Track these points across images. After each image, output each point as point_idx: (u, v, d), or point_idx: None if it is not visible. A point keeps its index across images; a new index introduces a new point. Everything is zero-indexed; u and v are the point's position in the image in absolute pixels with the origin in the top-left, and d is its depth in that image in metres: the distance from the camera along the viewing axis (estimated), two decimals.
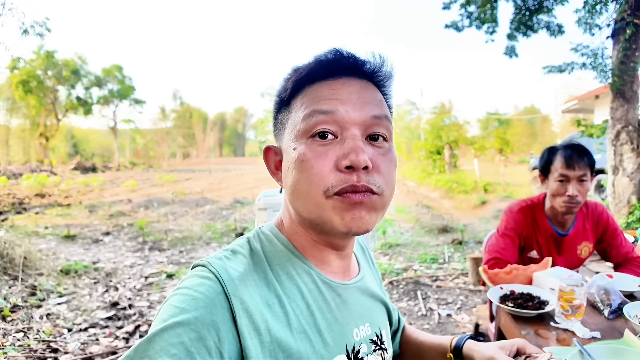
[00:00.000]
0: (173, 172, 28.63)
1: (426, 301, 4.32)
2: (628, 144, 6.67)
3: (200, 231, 8.22)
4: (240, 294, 0.68)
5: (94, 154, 40.75)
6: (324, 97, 0.75)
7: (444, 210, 11.04)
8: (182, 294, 0.67)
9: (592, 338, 1.38)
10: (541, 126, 46.57)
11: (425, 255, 6.12)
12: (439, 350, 1.04)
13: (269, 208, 3.15)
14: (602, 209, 2.25)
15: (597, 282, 1.68)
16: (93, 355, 3.15)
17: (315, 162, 0.72)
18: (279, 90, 0.83)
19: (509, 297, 1.66)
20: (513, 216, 2.21)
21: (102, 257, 6.22)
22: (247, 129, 73.14)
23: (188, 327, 0.61)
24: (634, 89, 6.62)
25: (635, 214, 6.58)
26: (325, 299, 0.79)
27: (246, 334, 0.66)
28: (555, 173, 2.04)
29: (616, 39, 6.66)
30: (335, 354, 0.77)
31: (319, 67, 0.76)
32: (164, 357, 0.58)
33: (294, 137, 0.76)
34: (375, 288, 0.98)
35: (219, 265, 0.70)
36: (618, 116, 6.72)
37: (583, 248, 2.21)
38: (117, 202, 12.69)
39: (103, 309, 4.11)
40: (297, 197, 0.76)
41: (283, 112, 0.82)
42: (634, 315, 1.43)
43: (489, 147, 20.60)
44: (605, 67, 6.91)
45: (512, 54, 7.87)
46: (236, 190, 16.42)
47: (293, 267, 0.79)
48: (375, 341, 0.88)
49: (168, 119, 58.46)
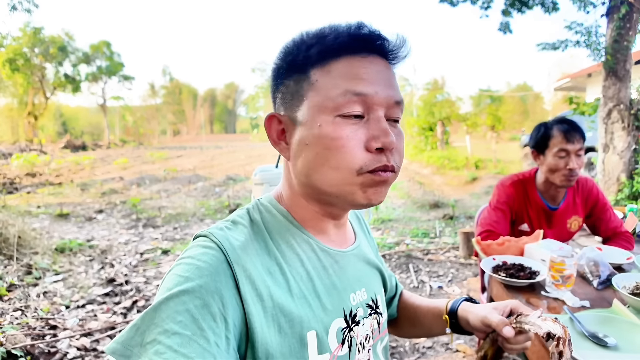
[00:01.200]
0: (164, 149, 28.47)
1: (418, 274, 4.41)
2: (619, 123, 6.71)
3: (193, 208, 8.24)
4: (243, 262, 0.70)
5: (83, 132, 40.32)
6: (356, 76, 0.74)
7: (436, 186, 11.11)
8: (186, 263, 0.69)
9: (581, 307, 1.43)
10: (533, 104, 46.67)
11: (417, 230, 6.21)
12: (435, 313, 1.08)
13: (265, 183, 3.17)
14: (592, 184, 2.29)
15: (586, 254, 1.72)
16: (92, 331, 3.19)
17: (346, 142, 0.73)
18: (290, 54, 0.78)
19: (501, 268, 1.70)
20: (505, 190, 2.25)
21: (96, 234, 6.22)
22: (237, 105, 72.19)
23: (193, 295, 0.64)
24: (627, 67, 6.63)
25: (624, 191, 6.67)
26: (323, 265, 0.82)
27: (249, 300, 0.69)
28: (554, 148, 2.06)
29: (610, 18, 6.64)
30: (334, 317, 0.80)
31: (349, 40, 0.74)
32: (170, 324, 0.61)
33: (318, 112, 0.74)
34: (371, 255, 1.01)
35: (220, 235, 0.73)
36: (610, 95, 6.75)
37: (573, 222, 2.25)
38: (108, 179, 12.64)
39: (99, 286, 4.15)
40: (318, 171, 0.75)
41: (297, 80, 0.77)
42: (622, 286, 1.47)
43: (481, 124, 20.63)
44: (598, 46, 6.91)
45: (506, 30, 7.85)
46: (228, 168, 16.38)
47: (292, 237, 0.81)
48: (371, 305, 0.92)
49: (158, 96, 57.71)
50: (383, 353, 0.97)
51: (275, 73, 0.82)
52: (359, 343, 0.86)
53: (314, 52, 0.75)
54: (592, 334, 1.19)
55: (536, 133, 2.17)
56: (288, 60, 0.78)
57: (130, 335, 0.63)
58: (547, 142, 2.09)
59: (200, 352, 0.60)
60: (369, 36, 0.75)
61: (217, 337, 0.63)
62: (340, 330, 0.81)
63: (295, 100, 0.77)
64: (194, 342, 0.60)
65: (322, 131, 0.73)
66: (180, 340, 0.60)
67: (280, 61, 0.80)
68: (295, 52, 0.77)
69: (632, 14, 6.35)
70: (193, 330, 0.61)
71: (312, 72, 0.75)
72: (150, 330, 0.62)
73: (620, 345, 1.15)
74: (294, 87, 0.77)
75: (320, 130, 0.73)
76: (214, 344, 0.62)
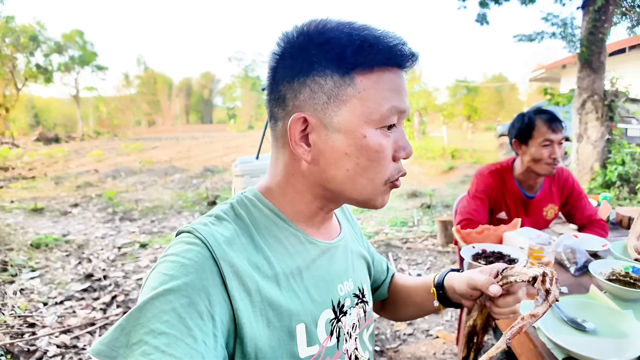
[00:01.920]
0: (139, 140, 27.94)
1: (397, 262, 4.47)
2: (593, 113, 6.85)
3: (171, 200, 8.15)
4: (229, 257, 0.69)
5: (56, 124, 39.31)
6: (397, 91, 0.75)
7: (413, 175, 11.20)
8: (170, 260, 0.68)
9: (560, 293, 1.46)
10: (508, 94, 47.11)
11: (396, 219, 6.28)
12: (424, 289, 1.08)
13: (246, 175, 3.15)
14: (568, 174, 2.35)
15: (563, 242, 1.77)
16: (71, 327, 3.15)
17: (385, 154, 0.75)
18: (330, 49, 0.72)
19: (481, 255, 1.73)
20: (483, 179, 2.29)
21: (72, 229, 6.11)
22: (214, 95, 70.77)
23: (179, 294, 0.63)
24: (601, 59, 6.76)
25: (598, 180, 6.83)
26: (312, 258, 0.83)
27: (237, 295, 0.68)
28: (539, 138, 2.10)
29: (586, 10, 6.74)
30: (323, 309, 0.81)
31: (396, 54, 0.73)
32: (156, 323, 0.60)
33: (364, 122, 0.73)
34: (356, 245, 1.02)
35: (205, 231, 0.71)
36: (584, 86, 6.88)
37: (549, 210, 2.31)
38: (83, 172, 12.38)
39: (77, 281, 4.08)
40: (353, 180, 0.76)
41: (339, 83, 0.72)
42: (598, 273, 1.51)
43: (457, 114, 20.89)
44: (574, 37, 7.03)
45: (483, 21, 7.91)
46: (206, 159, 16.20)
47: (280, 231, 0.80)
48: (358, 295, 0.93)
49: (132, 86, 56.37)
50: (369, 340, 0.99)
51: (288, 62, 0.75)
52: (346, 333, 0.87)
53: (365, 58, 0.71)
54: (571, 319, 1.22)
55: (519, 123, 2.20)
56: (328, 56, 0.72)
57: (115, 336, 0.61)
58: (531, 132, 2.13)
59: (188, 351, 0.59)
60: (409, 54, 0.75)
61: (205, 336, 0.62)
62: (328, 322, 0.82)
63: (332, 104, 0.73)
64: (181, 342, 0.59)
65: (367, 143, 0.73)
66: (167, 340, 0.59)
67: (307, 52, 0.73)
68: (338, 49, 0.71)
69: (608, 7, 6.46)
70: (180, 330, 0.60)
71: (359, 79, 0.72)
72: (136, 331, 0.60)
73: (598, 329, 1.19)
74: (333, 88, 0.72)
75: (365, 142, 0.73)
76: (201, 342, 0.61)
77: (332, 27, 0.73)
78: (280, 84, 0.76)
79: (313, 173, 0.78)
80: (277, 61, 0.77)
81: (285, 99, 0.76)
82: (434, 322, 3.18)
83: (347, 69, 0.72)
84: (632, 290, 1.37)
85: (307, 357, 0.76)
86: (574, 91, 7.20)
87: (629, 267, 1.54)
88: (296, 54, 0.74)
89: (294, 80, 0.74)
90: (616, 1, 6.46)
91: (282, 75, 0.76)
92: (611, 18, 6.62)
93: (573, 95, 7.23)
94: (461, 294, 0.95)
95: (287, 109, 0.76)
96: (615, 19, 6.89)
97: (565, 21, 7.11)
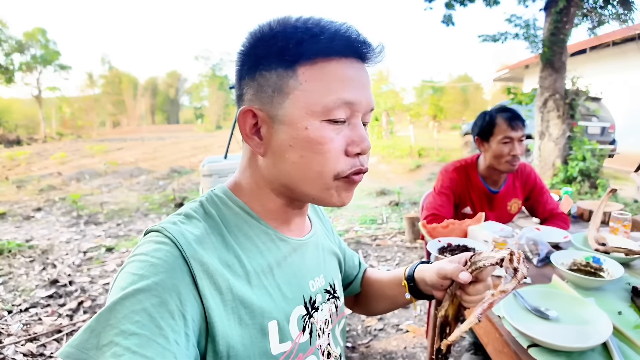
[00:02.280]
0: (104, 141, 27.30)
1: (367, 259, 4.51)
2: (554, 111, 7.04)
3: (137, 203, 7.97)
4: (200, 256, 0.68)
5: (17, 126, 37.97)
6: (345, 82, 0.73)
7: (382, 174, 11.29)
8: (139, 260, 0.66)
9: (523, 283, 1.50)
10: (473, 94, 48.03)
11: (365, 217, 6.33)
12: (396, 282, 1.08)
13: (214, 174, 3.12)
14: (530, 169, 2.42)
15: (526, 234, 1.81)
16: (38, 335, 3.05)
17: (330, 147, 0.73)
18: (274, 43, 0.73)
19: (447, 249, 1.76)
20: (448, 175, 2.34)
21: (35, 234, 5.90)
22: (180, 94, 69.23)
23: (149, 293, 0.61)
24: (563, 59, 6.94)
25: (559, 176, 7.02)
26: (283, 255, 0.82)
27: (208, 294, 0.67)
28: (499, 135, 2.16)
29: (548, 12, 6.91)
30: (295, 305, 0.81)
31: (342, 44, 0.73)
32: (127, 324, 0.58)
33: (305, 114, 0.72)
34: (327, 241, 1.03)
35: (174, 230, 0.70)
36: (546, 85, 7.06)
37: (513, 204, 2.37)
38: (46, 175, 11.99)
39: (42, 288, 3.94)
40: (300, 174, 0.75)
41: (281, 75, 0.72)
42: (560, 263, 1.56)
43: (423, 113, 21.13)
44: (536, 38, 7.20)
45: (449, 22, 8.01)
46: (172, 160, 15.94)
47: (250, 229, 0.80)
48: (329, 291, 0.94)
49: (96, 86, 54.92)
50: (341, 335, 0.99)
51: (248, 59, 0.76)
52: (319, 328, 0.87)
53: (306, 49, 0.71)
54: (535, 307, 1.25)
55: (481, 121, 2.25)
56: (272, 50, 0.73)
57: (85, 338, 0.59)
58: (492, 130, 2.19)
59: (160, 351, 0.58)
60: (360, 43, 0.74)
61: (177, 335, 0.61)
62: (300, 318, 0.82)
63: (276, 97, 0.73)
64: (153, 342, 0.58)
65: (308, 135, 0.72)
66: (138, 340, 0.57)
67: (258, 48, 0.75)
68: (281, 43, 0.72)
69: (569, 8, 6.63)
70: (151, 330, 0.59)
71: (301, 70, 0.72)
72: (106, 332, 0.59)
73: (561, 317, 1.22)
74: (277, 81, 0.73)
75: (307, 133, 0.72)
76: (173, 342, 0.60)
77: (284, 23, 0.74)
78: (242, 81, 0.78)
79: (267, 167, 0.78)
80: (240, 60, 0.78)
81: (242, 96, 0.78)
82: (404, 316, 3.21)
83: (290, 62, 0.72)
84: (593, 279, 1.42)
85: (280, 353, 0.76)
86: (536, 90, 7.38)
87: (589, 257, 1.59)
88: (245, 52, 0.76)
89: (247, 77, 0.76)
90: (577, 3, 6.64)
91: (241, 73, 0.78)
92: (572, 19, 6.81)
93: (535, 94, 7.41)
94: (432, 284, 0.95)
95: (242, 105, 0.78)
96: (577, 21, 7.10)
97: (528, 22, 7.29)
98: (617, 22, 6.95)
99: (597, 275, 1.52)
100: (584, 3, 6.85)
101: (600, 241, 1.76)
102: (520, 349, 1.11)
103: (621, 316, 1.25)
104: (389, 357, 2.73)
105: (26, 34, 33.51)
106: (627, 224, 1.94)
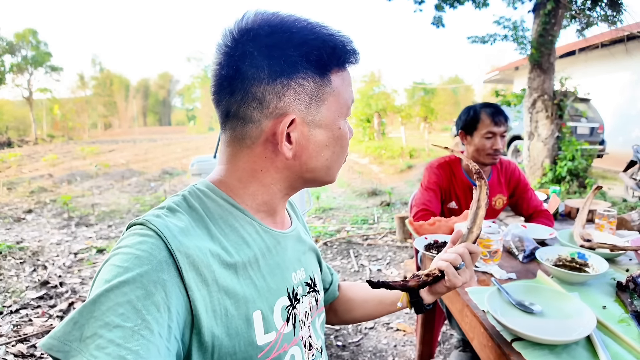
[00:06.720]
0: (95, 143, 27.10)
1: (358, 259, 4.54)
2: (543, 112, 7.10)
3: (128, 204, 7.94)
4: (185, 248, 0.68)
5: (8, 128, 37.62)
6: (351, 84, 0.86)
7: (373, 175, 11.35)
8: (123, 253, 0.65)
9: (508, 279, 1.52)
10: (464, 95, 48.28)
11: (357, 217, 6.36)
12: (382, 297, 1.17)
13: (203, 173, 3.12)
14: (515, 166, 2.47)
15: (512, 231, 1.83)
16: (28, 336, 3.04)
17: (348, 139, 0.88)
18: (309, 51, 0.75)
19: (433, 246, 1.77)
20: (434, 171, 2.40)
21: (26, 236, 5.85)
22: (172, 96, 69.00)
23: (134, 285, 0.61)
24: (551, 60, 7.00)
25: (548, 175, 7.08)
26: (267, 246, 0.83)
27: (193, 287, 0.67)
28: (482, 130, 2.22)
29: (537, 13, 6.96)
30: (278, 296, 0.82)
31: (352, 51, 0.81)
32: (111, 316, 0.58)
33: (338, 116, 0.83)
34: (307, 237, 1.05)
35: (158, 223, 0.69)
36: (535, 86, 7.11)
37: (497, 200, 2.40)
38: (37, 177, 11.87)
39: (33, 289, 3.91)
40: (331, 167, 0.86)
41: (318, 83, 0.77)
42: (545, 259, 1.58)
43: (414, 115, 21.19)
44: (525, 40, 7.25)
45: (439, 24, 8.04)
46: (164, 161, 15.88)
47: (235, 220, 0.80)
48: (310, 284, 0.95)
49: (87, 87, 54.30)
50: (321, 328, 1.01)
51: (279, 65, 0.74)
52: (300, 320, 0.88)
53: (338, 59, 0.80)
54: (519, 302, 1.26)
55: (465, 116, 2.30)
56: (310, 58, 0.75)
57: (68, 330, 0.58)
58: (476, 124, 2.24)
59: (144, 344, 0.57)
60: (358, 51, 0.83)
61: (161, 327, 0.61)
62: (284, 309, 0.82)
63: (314, 103, 0.79)
64: (137, 335, 0.57)
65: (340, 133, 0.84)
66: (122, 333, 0.57)
67: (291, 54, 0.74)
68: (317, 51, 0.75)
69: (558, 10, 6.68)
70: (136, 322, 0.58)
71: (333, 78, 0.80)
72: (89, 324, 0.58)
73: (545, 311, 1.23)
74: (315, 89, 0.78)
75: (340, 132, 0.84)
76: (157, 334, 0.59)
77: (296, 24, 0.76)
78: (254, 84, 0.75)
79: (290, 167, 0.83)
80: (243, 60, 0.75)
81: (264, 101, 0.75)
82: (395, 315, 3.22)
83: (326, 71, 0.79)
84: (577, 274, 1.43)
85: (265, 344, 0.76)
86: (524, 91, 7.44)
87: (574, 253, 1.61)
88: (271, 54, 0.74)
89: (275, 81, 0.74)
90: (566, 5, 6.70)
91: (256, 75, 0.74)
92: (561, 21, 6.87)
93: (524, 94, 7.47)
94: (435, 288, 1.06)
95: (267, 110, 0.76)
96: (565, 22, 7.16)
97: (516, 24, 7.34)
98: (606, 24, 7.02)
99: (582, 271, 1.53)
100: (572, 5, 6.91)
101: (586, 237, 1.78)
102: (504, 343, 1.12)
103: (606, 310, 1.27)
104: (380, 355, 2.75)
105: (17, 35, 33.17)
106: (613, 220, 1.96)
